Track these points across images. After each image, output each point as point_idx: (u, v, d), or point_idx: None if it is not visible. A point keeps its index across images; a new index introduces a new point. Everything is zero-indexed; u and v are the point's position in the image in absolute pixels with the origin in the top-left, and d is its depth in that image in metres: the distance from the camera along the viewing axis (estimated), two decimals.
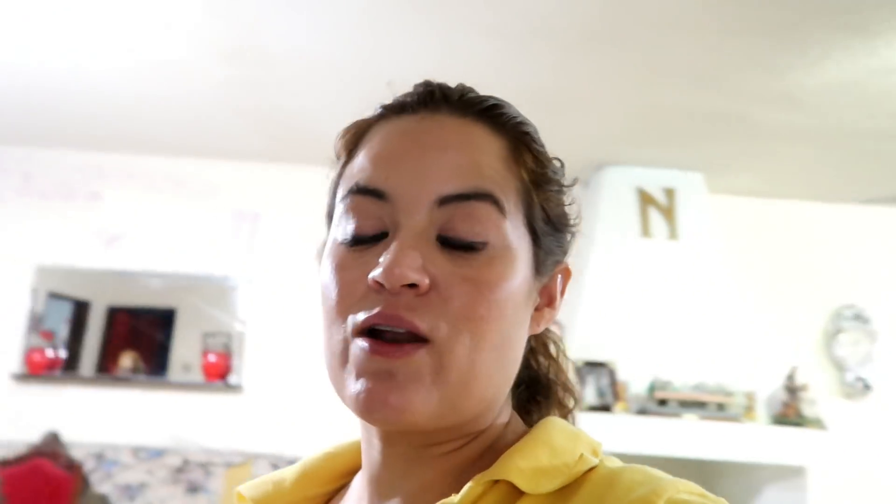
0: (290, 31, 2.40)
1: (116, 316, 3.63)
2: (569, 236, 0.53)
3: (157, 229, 3.59)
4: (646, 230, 3.37)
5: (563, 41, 2.40)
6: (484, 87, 0.52)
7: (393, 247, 0.43)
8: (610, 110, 2.94)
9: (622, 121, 3.03)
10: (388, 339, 0.43)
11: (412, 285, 0.43)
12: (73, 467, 2.95)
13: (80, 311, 3.58)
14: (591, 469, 0.44)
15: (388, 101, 0.52)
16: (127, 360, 3.44)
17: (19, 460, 2.94)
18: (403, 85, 0.52)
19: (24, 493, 2.85)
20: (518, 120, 0.50)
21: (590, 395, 2.97)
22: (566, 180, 0.53)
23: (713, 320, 3.23)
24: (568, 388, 0.57)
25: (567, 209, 0.53)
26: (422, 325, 0.43)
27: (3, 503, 2.87)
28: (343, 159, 0.51)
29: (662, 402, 2.97)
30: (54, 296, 3.53)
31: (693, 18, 2.23)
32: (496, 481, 0.44)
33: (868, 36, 2.26)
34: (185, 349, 3.52)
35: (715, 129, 3.03)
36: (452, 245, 0.45)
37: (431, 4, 2.21)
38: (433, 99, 0.49)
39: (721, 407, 2.98)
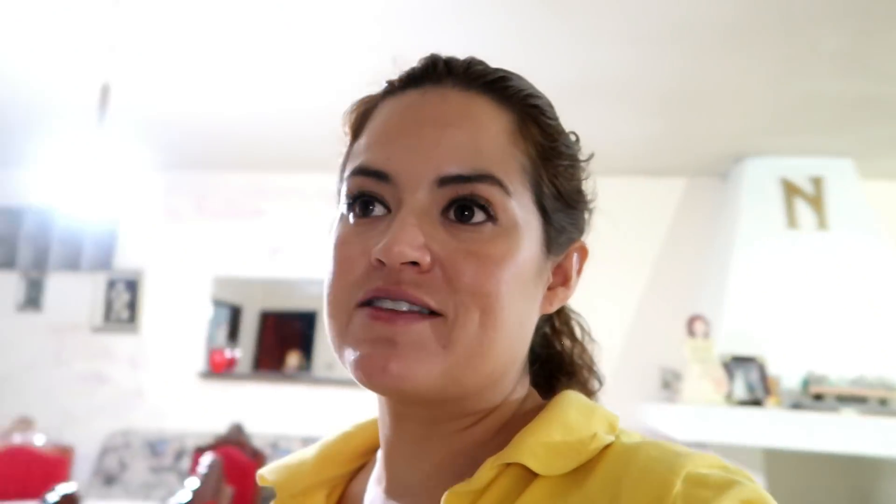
0: (436, 46, 2.59)
1: (266, 319, 4.03)
2: (585, 213, 0.51)
3: (312, 240, 3.93)
4: (792, 221, 3.29)
5: (701, 42, 2.43)
6: (622, 90, 0.57)
7: (394, 225, 0.43)
8: (750, 103, 2.91)
9: (763, 112, 2.98)
10: (387, 308, 0.43)
11: (414, 263, 0.42)
12: (257, 455, 3.31)
13: (235, 315, 4.01)
14: (608, 446, 0.43)
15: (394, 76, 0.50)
16: (293, 359, 3.81)
17: (210, 448, 3.34)
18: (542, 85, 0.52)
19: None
20: (526, 92, 0.49)
21: (739, 389, 2.95)
22: (582, 155, 0.51)
23: (870, 312, 3.10)
24: (593, 371, 0.56)
25: (582, 185, 0.51)
26: (430, 300, 0.42)
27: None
28: (350, 137, 0.51)
29: (818, 397, 2.90)
30: (217, 303, 3.97)
31: (835, 5, 2.20)
32: (510, 463, 0.43)
33: None
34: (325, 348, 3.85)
35: (864, 113, 2.92)
36: (456, 221, 0.44)
37: (573, 14, 2.32)
38: (437, 71, 0.48)
39: (884, 402, 2.87)
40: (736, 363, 2.99)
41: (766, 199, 3.36)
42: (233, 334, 3.97)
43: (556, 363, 0.56)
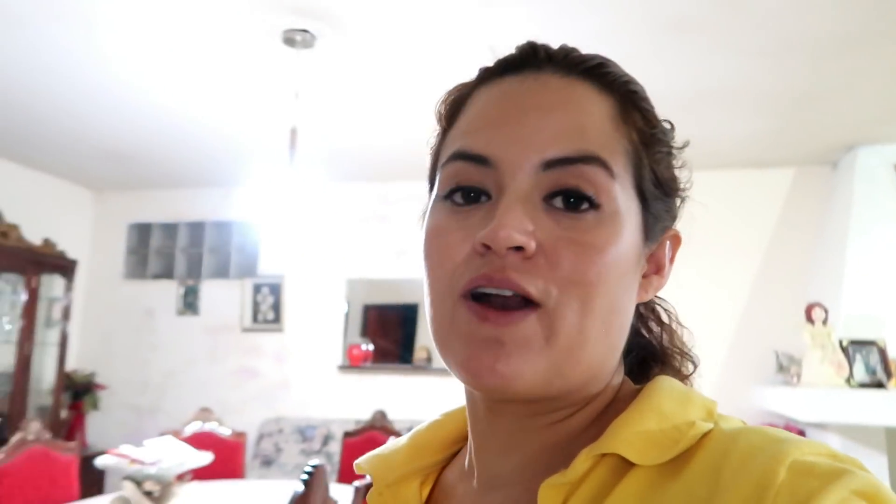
0: None
1: (369, 312, 4.41)
2: (678, 201, 0.50)
3: None
4: None
5: (816, 51, 2.55)
6: (737, 95, 0.61)
7: (500, 209, 0.42)
8: (862, 98, 3.00)
9: (876, 103, 3.06)
10: (497, 304, 0.42)
11: (519, 248, 0.41)
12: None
13: (366, 313, 4.41)
14: (707, 434, 0.41)
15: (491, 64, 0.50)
16: (422, 352, 4.17)
17: (357, 433, 3.74)
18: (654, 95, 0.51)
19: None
20: (625, 79, 0.48)
21: (859, 372, 3.07)
22: (676, 143, 0.50)
23: None
24: (685, 354, 0.55)
25: (677, 172, 0.50)
26: (531, 288, 0.41)
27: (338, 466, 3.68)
28: (444, 124, 0.50)
29: None
30: (349, 302, 4.38)
31: None
32: (605, 454, 0.42)
33: None
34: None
35: None
36: (559, 208, 0.43)
37: (694, 32, 2.51)
38: (537, 58, 0.47)
39: None
40: (856, 347, 3.10)
41: (878, 185, 3.42)
42: (365, 331, 4.38)
43: (647, 350, 0.54)
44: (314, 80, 2.81)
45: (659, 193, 0.48)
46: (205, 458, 2.47)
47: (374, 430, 3.72)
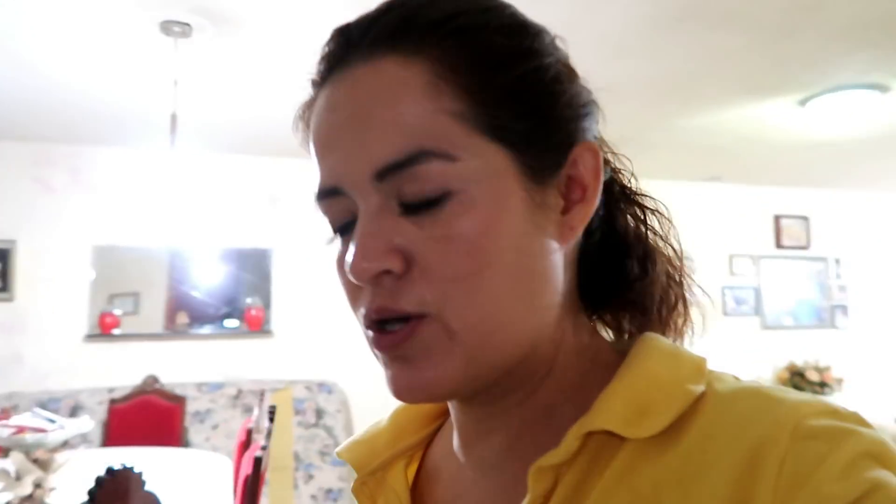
0: None
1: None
2: (574, 112, 0.44)
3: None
4: None
5: None
6: None
7: (353, 241, 0.40)
8: None
9: None
10: (387, 330, 0.41)
11: (388, 271, 0.40)
12: (178, 398, 3.86)
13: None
14: (700, 398, 0.39)
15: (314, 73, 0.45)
16: (183, 317, 4.32)
17: (126, 399, 3.79)
18: None
19: (134, 423, 3.73)
20: (435, 21, 0.41)
21: None
22: (540, 42, 0.43)
23: None
24: (669, 302, 0.50)
25: (554, 84, 0.43)
26: (406, 306, 0.40)
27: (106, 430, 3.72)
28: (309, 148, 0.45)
29: None
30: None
31: None
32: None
33: None
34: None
35: None
36: (414, 209, 0.40)
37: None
38: (341, 51, 0.43)
39: None
40: None
41: None
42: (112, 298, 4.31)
43: (631, 301, 0.50)
44: (193, 69, 2.90)
45: (530, 124, 0.41)
46: (86, 424, 2.50)
47: (146, 395, 3.84)
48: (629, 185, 0.51)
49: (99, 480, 1.29)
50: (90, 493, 1.27)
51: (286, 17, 2.51)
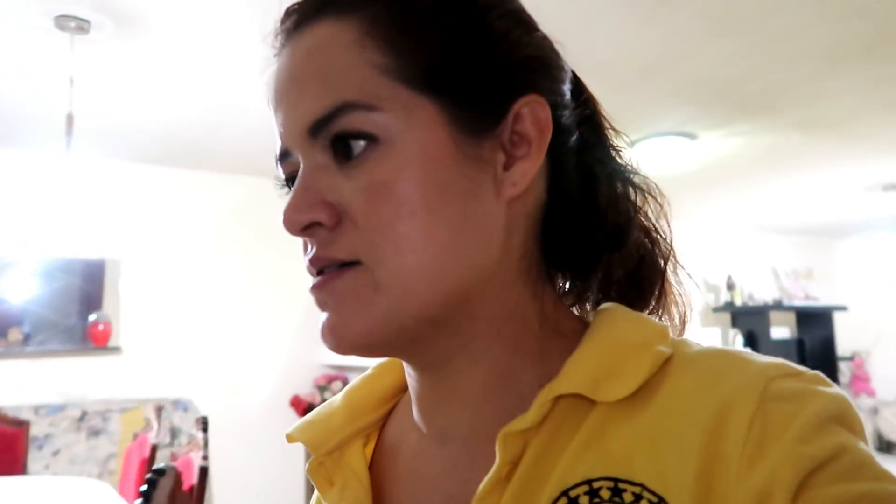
0: None
1: None
2: (518, 62, 0.43)
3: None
4: None
5: None
6: None
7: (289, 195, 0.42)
8: None
9: None
10: (320, 277, 0.43)
11: (319, 223, 0.41)
12: (21, 423, 3.50)
13: None
14: (667, 361, 0.40)
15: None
16: (15, 333, 3.92)
17: None
18: None
19: None
20: None
21: None
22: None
23: None
24: (639, 279, 0.49)
25: (485, 30, 0.43)
26: (339, 253, 0.41)
27: None
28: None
29: None
30: None
31: None
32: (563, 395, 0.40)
33: None
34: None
35: None
36: (344, 162, 0.41)
37: None
38: (293, 21, 0.45)
39: None
40: None
41: None
42: None
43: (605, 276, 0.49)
44: (91, 67, 2.71)
45: (458, 75, 0.42)
46: None
47: None
48: (620, 160, 0.50)
49: (151, 481, 1.35)
50: (144, 493, 1.34)
51: (191, 20, 2.49)
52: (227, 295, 4.49)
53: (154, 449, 2.68)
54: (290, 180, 0.46)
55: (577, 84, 0.49)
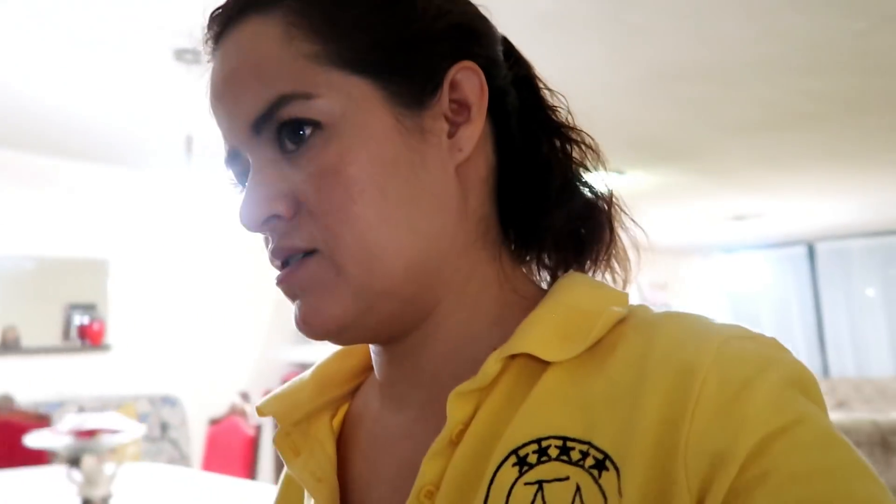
0: None
1: None
2: (431, 32, 0.44)
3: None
4: None
5: None
6: None
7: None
8: None
9: None
10: (283, 270, 0.43)
11: (277, 216, 0.42)
12: (43, 417, 3.64)
13: None
14: (623, 322, 0.41)
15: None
16: (11, 332, 4.02)
17: None
18: None
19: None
20: None
21: None
22: None
23: None
24: (604, 241, 0.49)
25: (405, 4, 0.44)
26: (299, 243, 0.42)
27: None
28: None
29: None
30: None
31: None
32: (516, 355, 0.41)
33: None
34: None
35: None
36: (291, 153, 0.42)
37: None
38: (217, 26, 0.45)
39: None
40: None
41: None
42: None
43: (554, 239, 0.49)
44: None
45: (386, 52, 0.43)
46: (139, 429, 2.49)
47: (2, 416, 3.57)
48: (557, 118, 0.50)
49: None
50: None
51: None
52: (208, 295, 4.77)
53: (258, 429, 3.12)
54: (242, 179, 0.46)
55: (508, 47, 0.50)
